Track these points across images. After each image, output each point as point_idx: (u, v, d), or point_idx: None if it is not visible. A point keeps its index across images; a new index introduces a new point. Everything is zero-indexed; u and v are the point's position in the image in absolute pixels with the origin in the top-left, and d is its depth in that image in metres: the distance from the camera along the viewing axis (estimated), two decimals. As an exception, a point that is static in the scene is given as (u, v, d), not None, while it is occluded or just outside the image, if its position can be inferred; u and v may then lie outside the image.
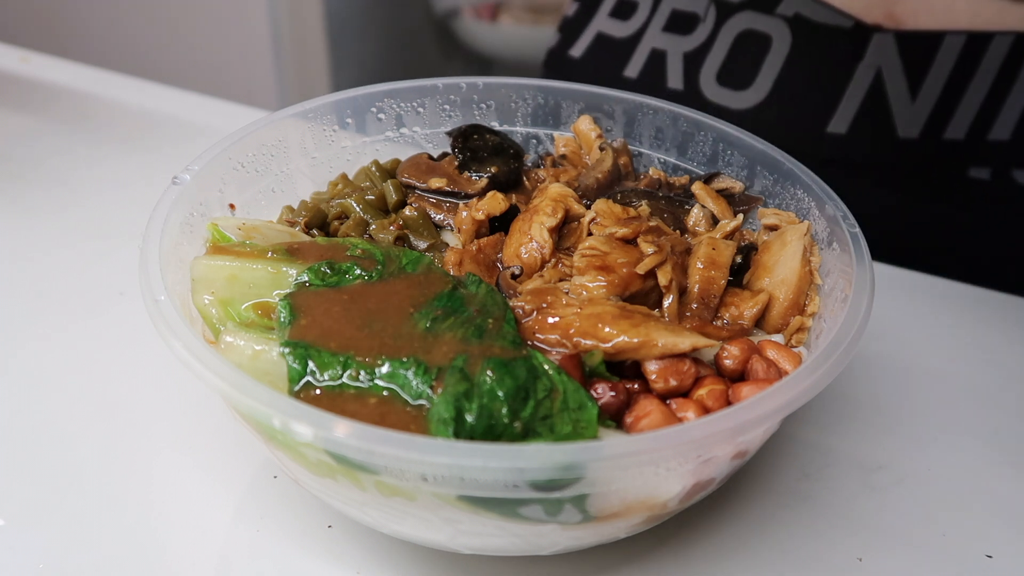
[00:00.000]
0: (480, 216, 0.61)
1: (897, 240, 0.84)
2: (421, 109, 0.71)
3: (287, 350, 0.47)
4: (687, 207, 0.64)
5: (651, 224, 0.59)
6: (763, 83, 0.87)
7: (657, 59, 0.93)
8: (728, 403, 0.49)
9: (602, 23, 0.98)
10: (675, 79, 0.91)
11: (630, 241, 0.57)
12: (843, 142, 0.85)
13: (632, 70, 0.94)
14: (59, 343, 0.69)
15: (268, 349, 0.48)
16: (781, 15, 0.85)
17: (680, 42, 0.91)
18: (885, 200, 0.86)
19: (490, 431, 0.43)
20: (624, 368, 0.51)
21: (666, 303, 0.55)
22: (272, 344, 0.48)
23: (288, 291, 0.52)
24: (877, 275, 0.56)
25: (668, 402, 0.49)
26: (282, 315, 0.50)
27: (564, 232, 0.60)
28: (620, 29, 0.96)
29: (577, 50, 1.00)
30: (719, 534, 0.56)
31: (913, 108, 0.82)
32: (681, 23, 0.91)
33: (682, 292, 0.56)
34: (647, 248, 0.56)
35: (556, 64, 1.03)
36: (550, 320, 0.51)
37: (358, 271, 0.53)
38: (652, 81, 0.93)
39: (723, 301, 0.56)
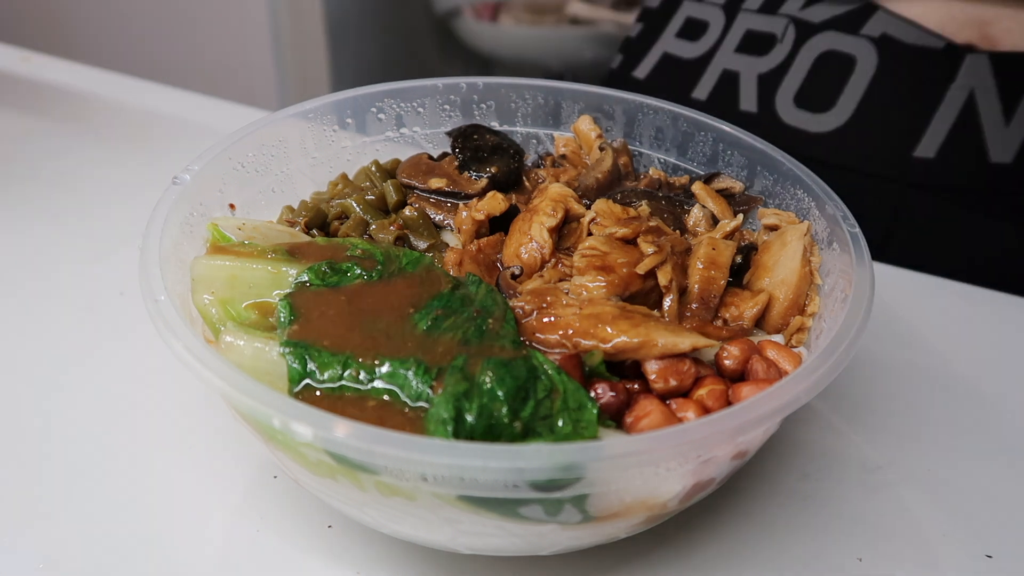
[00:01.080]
0: (480, 216, 0.61)
1: (982, 266, 0.82)
2: (421, 109, 0.71)
3: (287, 350, 0.47)
4: (687, 207, 0.64)
5: (651, 224, 0.59)
6: (846, 105, 0.84)
7: (729, 80, 0.90)
8: (728, 403, 0.49)
9: (668, 44, 0.96)
10: (748, 101, 0.88)
11: (630, 241, 0.57)
12: (931, 166, 0.82)
13: (701, 91, 0.91)
14: (59, 343, 0.69)
15: (268, 349, 0.48)
16: (867, 35, 0.82)
17: (755, 63, 0.88)
18: (973, 224, 0.84)
19: (490, 431, 0.43)
20: (624, 368, 0.51)
21: (666, 303, 0.55)
22: (272, 344, 0.48)
23: (288, 291, 0.52)
24: (877, 275, 0.56)
25: (668, 402, 0.49)
26: (282, 315, 0.50)
27: (564, 232, 0.60)
28: (688, 50, 0.93)
29: (641, 71, 0.98)
30: (719, 534, 0.56)
31: (1007, 131, 0.80)
32: (756, 44, 0.88)
33: (682, 292, 0.56)
34: (647, 248, 0.56)
35: (618, 85, 1.00)
36: (550, 320, 0.51)
37: (358, 271, 0.53)
38: (724, 102, 0.90)
39: (723, 301, 0.56)
